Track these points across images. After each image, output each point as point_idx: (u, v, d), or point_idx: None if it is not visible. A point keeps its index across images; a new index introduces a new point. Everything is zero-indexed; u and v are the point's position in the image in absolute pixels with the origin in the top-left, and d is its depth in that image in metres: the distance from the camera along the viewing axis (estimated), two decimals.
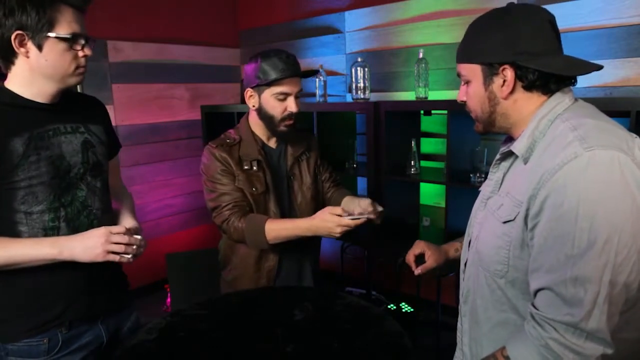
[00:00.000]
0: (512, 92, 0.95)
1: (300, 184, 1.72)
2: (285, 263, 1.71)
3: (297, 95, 1.60)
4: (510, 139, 1.04)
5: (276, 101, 1.57)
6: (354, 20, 3.06)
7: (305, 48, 3.36)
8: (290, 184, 1.71)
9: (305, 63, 3.36)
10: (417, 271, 1.32)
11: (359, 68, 2.68)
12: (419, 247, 1.35)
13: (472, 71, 0.98)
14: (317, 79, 2.92)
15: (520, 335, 0.89)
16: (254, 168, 1.62)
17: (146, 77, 3.26)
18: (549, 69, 0.90)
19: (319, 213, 1.50)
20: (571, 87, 0.96)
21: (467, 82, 1.01)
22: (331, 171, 1.86)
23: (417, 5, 2.75)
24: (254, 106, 1.62)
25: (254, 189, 1.60)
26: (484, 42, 0.95)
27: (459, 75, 1.03)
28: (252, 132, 1.67)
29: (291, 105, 1.57)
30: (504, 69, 0.93)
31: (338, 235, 1.47)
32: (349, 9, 3.08)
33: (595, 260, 0.78)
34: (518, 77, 0.93)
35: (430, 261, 1.32)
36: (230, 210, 1.57)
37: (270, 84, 1.55)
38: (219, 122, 3.26)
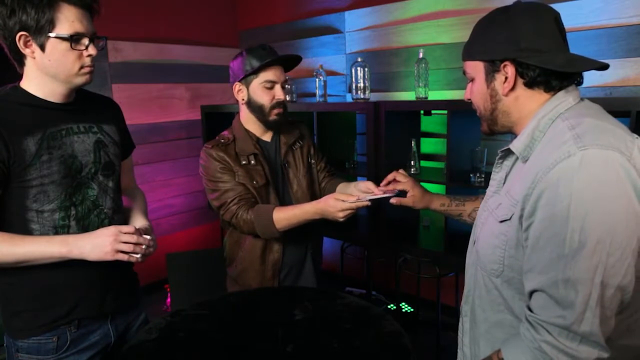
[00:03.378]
0: (513, 89, 0.94)
1: (295, 171, 1.74)
2: (289, 254, 1.73)
3: (284, 85, 1.65)
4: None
5: (264, 90, 1.61)
6: (354, 20, 3.06)
7: (305, 48, 3.36)
8: (285, 172, 1.73)
9: (305, 63, 3.36)
10: (393, 201, 1.44)
11: (359, 68, 2.68)
12: (405, 184, 1.45)
13: (476, 68, 0.99)
14: (317, 79, 2.92)
15: (516, 337, 0.88)
16: (252, 162, 1.65)
17: (146, 77, 3.26)
18: (548, 65, 0.89)
19: (324, 197, 1.52)
20: (577, 86, 0.95)
21: (472, 80, 1.02)
22: (326, 162, 1.89)
23: (417, 5, 2.75)
24: (243, 99, 1.66)
25: (254, 182, 1.63)
26: (486, 39, 0.95)
27: (464, 73, 1.03)
28: (246, 129, 1.69)
29: (278, 93, 1.62)
30: (505, 66, 0.93)
31: (341, 219, 1.49)
32: (349, 9, 3.08)
33: (587, 261, 0.76)
34: (519, 74, 0.92)
35: (409, 199, 1.44)
36: (237, 205, 1.59)
37: (257, 72, 1.60)
38: (219, 122, 3.26)
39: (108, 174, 1.31)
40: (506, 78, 0.94)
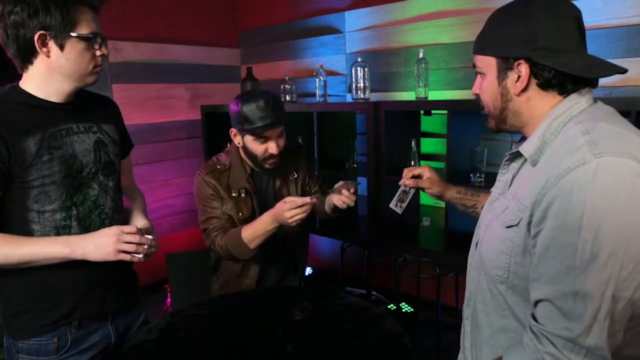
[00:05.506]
0: (525, 89, 0.90)
1: None
2: (266, 281, 1.77)
3: (279, 135, 1.66)
4: (525, 139, 0.99)
5: (257, 144, 1.65)
6: (354, 20, 3.06)
7: (305, 48, 3.36)
8: None
9: (305, 63, 3.36)
10: (409, 182, 1.42)
11: (359, 68, 2.68)
12: (422, 169, 1.42)
13: (487, 64, 0.94)
14: (317, 79, 2.92)
15: (518, 346, 0.86)
16: (242, 195, 1.69)
17: (146, 77, 3.26)
18: (565, 69, 0.84)
19: (278, 203, 1.55)
20: (591, 88, 0.90)
21: (482, 75, 0.97)
22: (320, 183, 1.93)
23: (417, 5, 2.75)
24: (239, 144, 1.71)
25: (240, 214, 1.68)
26: (501, 35, 0.90)
27: (474, 66, 0.99)
28: (242, 160, 1.73)
29: (272, 147, 1.65)
30: (519, 64, 0.88)
31: (290, 221, 1.50)
32: (349, 9, 3.08)
33: (598, 274, 0.73)
34: (533, 74, 0.88)
35: (425, 181, 1.41)
36: (216, 232, 1.66)
37: (250, 131, 1.62)
38: (219, 122, 3.27)
39: (108, 174, 1.31)
40: (519, 77, 0.89)
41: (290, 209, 1.48)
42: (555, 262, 0.78)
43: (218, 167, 1.71)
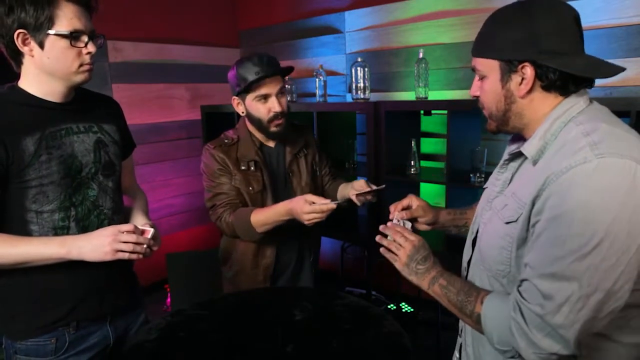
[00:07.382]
0: (530, 91, 0.91)
1: (299, 180, 1.75)
2: (282, 260, 1.73)
3: (280, 93, 1.61)
4: (518, 137, 1.01)
5: (259, 104, 1.60)
6: (354, 20, 3.06)
7: (305, 48, 3.36)
8: (289, 180, 1.74)
9: (305, 63, 3.36)
10: (403, 214, 1.28)
11: (358, 68, 2.68)
12: (408, 200, 1.31)
13: (489, 67, 0.94)
14: (317, 79, 2.92)
15: (503, 297, 0.91)
16: (252, 168, 1.65)
17: (146, 77, 3.26)
18: (569, 70, 0.86)
19: (297, 197, 1.51)
20: (587, 89, 0.93)
21: (482, 78, 0.97)
22: (330, 166, 1.90)
23: (417, 5, 2.75)
24: (243, 112, 1.67)
25: (250, 189, 1.64)
26: (504, 37, 0.90)
27: (473, 69, 0.99)
28: (250, 133, 1.69)
29: (274, 105, 1.59)
30: (523, 67, 0.89)
31: (307, 222, 1.47)
32: (349, 9, 3.08)
33: (578, 262, 0.77)
34: (537, 76, 0.89)
35: (418, 209, 1.29)
36: (223, 208, 1.62)
37: (249, 89, 1.58)
38: (219, 122, 3.27)
39: (108, 174, 1.31)
40: (523, 79, 0.90)
41: (312, 211, 1.44)
42: (542, 249, 0.82)
43: (226, 141, 1.68)
